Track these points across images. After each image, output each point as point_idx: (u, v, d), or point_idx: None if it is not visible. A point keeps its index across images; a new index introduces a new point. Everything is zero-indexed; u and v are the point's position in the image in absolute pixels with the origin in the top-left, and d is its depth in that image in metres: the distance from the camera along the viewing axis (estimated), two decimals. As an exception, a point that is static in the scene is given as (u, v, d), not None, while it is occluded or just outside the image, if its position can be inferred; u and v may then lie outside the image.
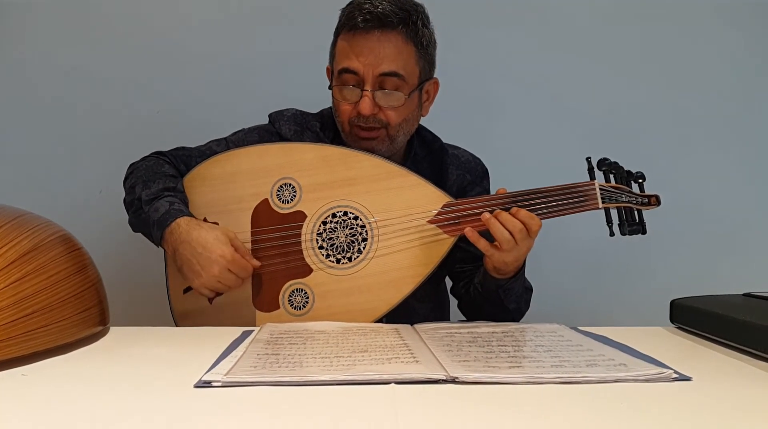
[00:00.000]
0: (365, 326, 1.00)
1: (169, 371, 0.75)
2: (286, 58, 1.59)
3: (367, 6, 1.07)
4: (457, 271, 1.25)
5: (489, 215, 1.02)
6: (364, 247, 1.06)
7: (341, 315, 1.05)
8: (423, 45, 1.12)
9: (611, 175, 1.09)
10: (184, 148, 1.21)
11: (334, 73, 1.14)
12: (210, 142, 1.22)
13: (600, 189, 1.05)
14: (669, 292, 1.08)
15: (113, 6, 1.58)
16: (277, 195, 1.09)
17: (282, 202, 1.09)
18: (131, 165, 1.19)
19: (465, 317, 1.23)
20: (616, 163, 1.09)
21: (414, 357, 0.77)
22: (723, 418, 0.61)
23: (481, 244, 1.02)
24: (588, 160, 1.09)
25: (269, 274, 1.08)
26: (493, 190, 1.23)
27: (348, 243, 1.06)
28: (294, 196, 1.09)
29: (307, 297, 1.06)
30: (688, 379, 0.71)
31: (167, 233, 1.05)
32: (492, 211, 1.02)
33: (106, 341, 0.92)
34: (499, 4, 1.62)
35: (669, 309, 1.04)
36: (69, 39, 1.58)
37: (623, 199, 1.06)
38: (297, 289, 1.07)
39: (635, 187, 1.08)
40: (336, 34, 1.14)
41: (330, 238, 1.07)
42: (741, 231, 1.66)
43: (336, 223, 1.07)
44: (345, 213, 1.07)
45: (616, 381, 0.69)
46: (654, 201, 1.08)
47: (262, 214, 1.09)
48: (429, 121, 1.25)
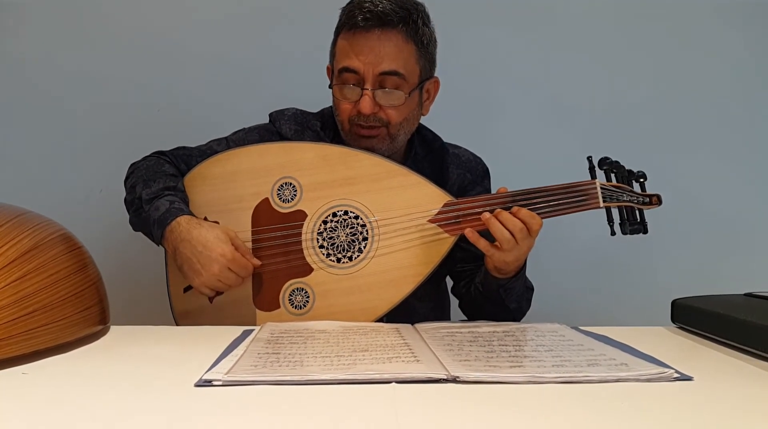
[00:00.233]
0: (366, 325, 1.00)
1: (170, 370, 0.75)
2: (286, 57, 1.59)
3: (368, 5, 1.07)
4: (458, 270, 1.25)
5: (489, 215, 1.01)
6: (364, 247, 1.06)
7: (342, 314, 1.05)
8: (423, 44, 1.11)
9: (612, 175, 1.08)
10: (184, 147, 1.21)
11: (334, 72, 1.14)
12: (210, 141, 1.22)
13: (601, 188, 1.05)
14: (670, 292, 1.08)
15: (113, 6, 1.58)
16: (278, 194, 1.09)
17: (282, 201, 1.09)
18: (132, 165, 1.19)
19: (466, 317, 1.23)
20: (617, 162, 1.08)
21: (415, 356, 0.77)
22: (724, 418, 0.61)
23: (481, 244, 1.02)
24: (589, 159, 1.08)
25: (270, 274, 1.08)
26: (494, 189, 1.23)
27: (348, 242, 1.06)
28: (294, 195, 1.08)
29: (308, 296, 1.06)
30: (689, 378, 0.71)
31: (167, 232, 1.05)
32: (493, 211, 1.02)
33: (106, 340, 0.92)
34: (500, 3, 1.62)
35: (670, 309, 1.03)
36: (69, 39, 1.58)
37: (624, 199, 1.06)
38: (297, 289, 1.07)
39: (636, 187, 1.08)
40: (336, 33, 1.14)
41: (330, 238, 1.07)
42: (742, 231, 1.66)
43: (336, 222, 1.07)
44: (345, 212, 1.07)
45: (617, 381, 0.69)
46: (655, 200, 1.07)
47: (262, 214, 1.09)
48: (429, 120, 1.25)
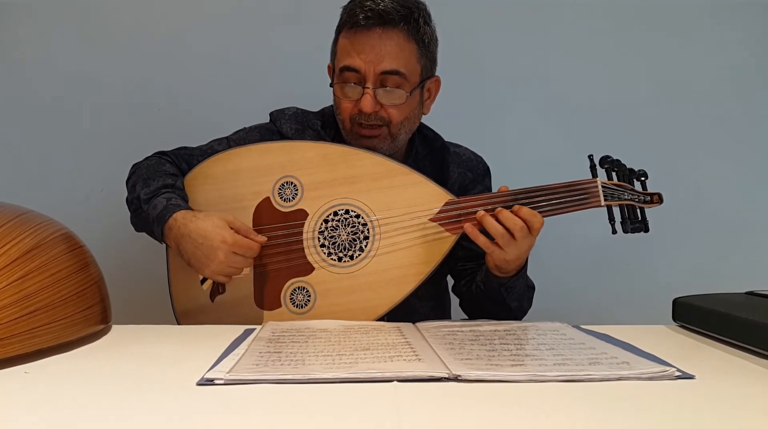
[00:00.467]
0: (367, 324, 1.00)
1: (172, 369, 0.75)
2: (286, 56, 1.59)
3: (369, 3, 1.07)
4: (459, 269, 1.25)
5: (483, 212, 1.01)
6: (365, 246, 1.06)
7: (343, 313, 1.05)
8: (424, 43, 1.11)
9: (613, 173, 1.08)
10: (186, 147, 1.21)
11: (335, 71, 1.14)
12: (212, 141, 1.22)
13: (602, 186, 1.05)
14: (671, 291, 1.08)
15: (113, 6, 1.58)
16: (279, 193, 1.09)
17: (283, 200, 1.09)
18: (134, 165, 1.19)
19: (466, 316, 1.23)
20: (618, 160, 1.08)
21: (416, 355, 0.77)
22: (726, 416, 0.61)
23: (481, 241, 1.02)
24: (590, 157, 1.08)
25: (271, 273, 1.08)
26: (495, 188, 1.23)
27: (350, 241, 1.06)
28: (295, 194, 1.08)
29: (309, 295, 1.06)
30: (691, 377, 0.71)
31: (167, 229, 1.05)
32: (494, 209, 1.02)
33: (108, 339, 0.92)
34: (501, 3, 1.62)
35: (671, 307, 1.03)
36: (69, 39, 1.58)
37: (625, 197, 1.06)
38: (299, 288, 1.07)
39: (638, 185, 1.08)
40: (337, 31, 1.14)
41: (332, 237, 1.07)
42: (743, 229, 1.66)
43: (338, 221, 1.07)
44: (347, 211, 1.07)
45: (618, 379, 0.69)
46: (656, 199, 1.07)
47: (263, 213, 1.09)
48: (430, 119, 1.24)
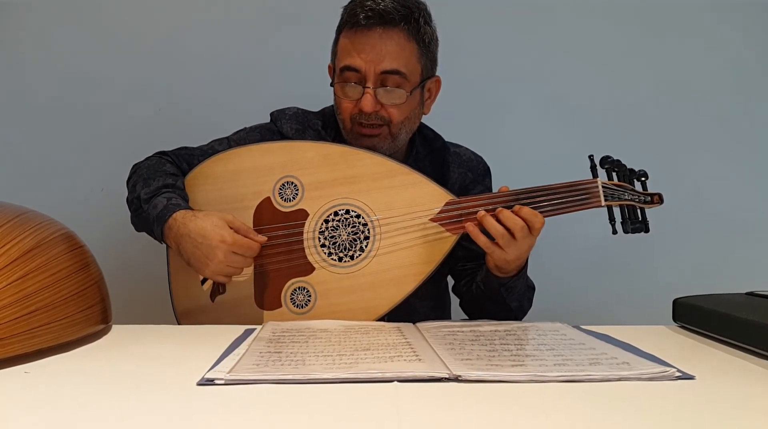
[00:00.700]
0: (367, 324, 1.00)
1: (172, 369, 0.75)
2: (286, 56, 1.59)
3: (370, 3, 1.07)
4: (459, 269, 1.25)
5: (484, 212, 1.01)
6: (366, 246, 1.06)
7: (343, 313, 1.05)
8: (425, 42, 1.11)
9: (614, 173, 1.08)
10: (186, 147, 1.21)
11: (335, 71, 1.14)
12: (212, 141, 1.22)
13: (603, 187, 1.05)
14: (672, 291, 1.08)
15: (113, 6, 1.58)
16: (279, 193, 1.09)
17: (284, 200, 1.09)
18: (134, 165, 1.19)
19: (466, 316, 1.23)
20: (618, 160, 1.08)
21: (417, 355, 0.77)
22: (726, 417, 0.61)
23: (481, 241, 1.02)
24: (590, 157, 1.08)
25: (271, 273, 1.08)
26: (495, 188, 1.23)
27: (350, 241, 1.06)
28: (296, 194, 1.08)
29: (309, 295, 1.06)
30: (691, 377, 0.71)
31: (167, 229, 1.05)
32: (494, 209, 1.02)
33: (108, 339, 0.92)
34: (501, 3, 1.62)
35: (672, 308, 1.03)
36: (69, 39, 1.57)
37: (626, 197, 1.06)
38: (299, 288, 1.07)
39: (638, 185, 1.08)
40: (338, 31, 1.14)
41: (332, 237, 1.07)
42: (744, 229, 1.66)
43: (338, 221, 1.07)
44: (347, 211, 1.07)
45: (619, 379, 0.69)
46: (657, 199, 1.07)
47: (264, 213, 1.09)
48: (431, 119, 1.24)
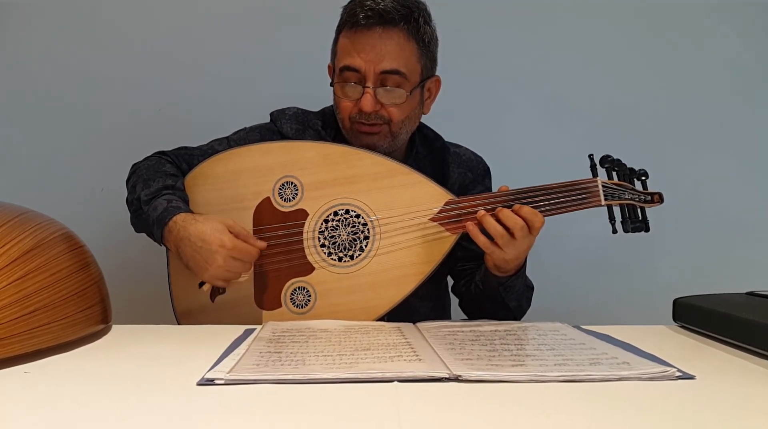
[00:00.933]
0: (367, 324, 1.00)
1: (172, 369, 0.75)
2: (286, 56, 1.59)
3: (369, 3, 1.07)
4: (459, 269, 1.25)
5: (484, 212, 1.01)
6: (365, 245, 1.06)
7: (343, 313, 1.05)
8: (425, 42, 1.11)
9: (614, 173, 1.08)
10: (186, 147, 1.21)
11: (335, 71, 1.14)
12: (212, 141, 1.22)
13: (602, 186, 1.05)
14: (672, 291, 1.07)
15: (114, 6, 1.58)
16: (279, 193, 1.09)
17: (284, 200, 1.09)
18: (134, 165, 1.18)
19: (466, 316, 1.23)
20: (618, 160, 1.08)
21: (417, 355, 0.77)
22: (726, 417, 0.61)
23: (481, 240, 1.02)
24: (590, 157, 1.08)
25: (271, 273, 1.08)
26: (495, 188, 1.23)
27: (350, 241, 1.06)
28: (296, 194, 1.08)
29: (309, 295, 1.06)
30: (691, 377, 0.71)
31: (166, 232, 1.05)
32: (494, 209, 1.02)
33: (108, 339, 0.92)
34: (501, 3, 1.62)
35: (672, 307, 1.03)
36: (69, 38, 1.57)
37: (626, 197, 1.06)
38: (299, 288, 1.07)
39: (638, 185, 1.08)
40: (338, 31, 1.14)
41: (332, 237, 1.07)
42: (744, 229, 1.66)
43: (338, 221, 1.07)
44: (347, 211, 1.07)
45: (619, 379, 0.69)
46: (657, 199, 1.07)
47: (264, 213, 1.09)
48: (431, 119, 1.24)
